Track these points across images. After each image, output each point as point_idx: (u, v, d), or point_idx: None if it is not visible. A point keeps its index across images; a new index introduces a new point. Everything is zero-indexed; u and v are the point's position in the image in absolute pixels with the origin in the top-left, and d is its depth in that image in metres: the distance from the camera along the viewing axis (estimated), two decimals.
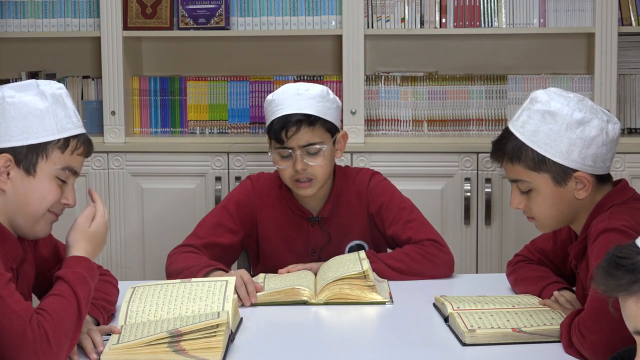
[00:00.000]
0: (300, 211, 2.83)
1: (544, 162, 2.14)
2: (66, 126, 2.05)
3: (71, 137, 2.06)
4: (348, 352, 2.08)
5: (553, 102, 2.14)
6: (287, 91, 2.76)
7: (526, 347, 2.05)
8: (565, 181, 2.15)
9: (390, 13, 4.01)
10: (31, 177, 2.02)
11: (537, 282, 2.39)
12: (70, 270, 2.00)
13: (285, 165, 2.74)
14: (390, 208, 2.80)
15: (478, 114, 4.07)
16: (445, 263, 2.69)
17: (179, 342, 1.97)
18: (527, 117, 2.17)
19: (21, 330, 1.85)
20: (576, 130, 2.12)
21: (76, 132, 2.07)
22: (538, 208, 2.19)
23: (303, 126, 2.71)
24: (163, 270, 3.98)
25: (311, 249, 2.83)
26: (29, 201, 2.03)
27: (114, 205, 3.98)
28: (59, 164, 2.05)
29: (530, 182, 2.17)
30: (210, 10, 4.06)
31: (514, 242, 3.81)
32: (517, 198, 2.22)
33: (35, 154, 2.02)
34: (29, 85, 2.06)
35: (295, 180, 2.74)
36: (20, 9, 4.13)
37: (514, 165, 2.18)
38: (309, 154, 2.73)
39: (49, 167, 2.04)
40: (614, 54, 3.87)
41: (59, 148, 2.04)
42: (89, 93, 4.24)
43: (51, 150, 2.03)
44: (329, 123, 2.76)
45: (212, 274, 2.52)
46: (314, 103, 2.73)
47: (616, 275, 1.44)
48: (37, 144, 2.02)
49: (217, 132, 4.20)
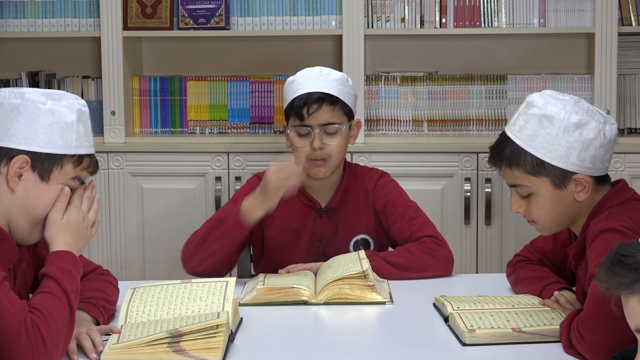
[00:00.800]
0: (309, 201, 2.84)
1: (542, 167, 2.14)
2: (84, 144, 2.09)
3: (85, 155, 2.10)
4: (348, 352, 2.08)
5: (549, 106, 2.14)
6: (310, 72, 2.82)
7: (526, 347, 2.05)
8: (565, 184, 2.15)
9: (390, 13, 4.01)
10: (44, 182, 2.05)
11: (537, 282, 2.39)
12: (55, 265, 2.01)
13: (302, 144, 2.78)
14: (395, 206, 2.82)
15: (478, 114, 4.07)
16: (446, 259, 2.71)
17: (178, 342, 1.97)
18: (524, 121, 2.17)
19: (16, 332, 1.85)
20: (574, 133, 2.12)
21: (90, 152, 2.12)
22: (538, 212, 2.19)
23: (325, 104, 2.75)
24: (163, 270, 4.00)
25: (317, 239, 2.84)
26: (36, 205, 2.05)
27: (114, 205, 3.98)
28: (70, 174, 2.08)
29: (530, 187, 2.17)
30: (210, 10, 4.06)
31: (514, 242, 3.81)
32: (517, 202, 2.22)
33: (52, 162, 2.05)
34: (61, 95, 2.09)
35: (312, 159, 2.76)
36: (20, 9, 4.13)
37: (513, 171, 2.18)
38: (327, 133, 2.76)
39: (62, 177, 2.07)
40: (614, 54, 3.87)
41: (73, 162, 2.08)
42: (89, 93, 4.24)
43: (66, 163, 2.07)
44: (347, 106, 2.81)
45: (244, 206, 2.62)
46: (335, 85, 2.78)
47: (619, 274, 1.45)
48: (55, 154, 2.05)
49: (217, 132, 4.20)
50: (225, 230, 2.66)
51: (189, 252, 2.72)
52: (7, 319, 1.85)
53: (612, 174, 2.24)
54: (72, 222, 2.09)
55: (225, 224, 2.67)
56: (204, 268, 2.68)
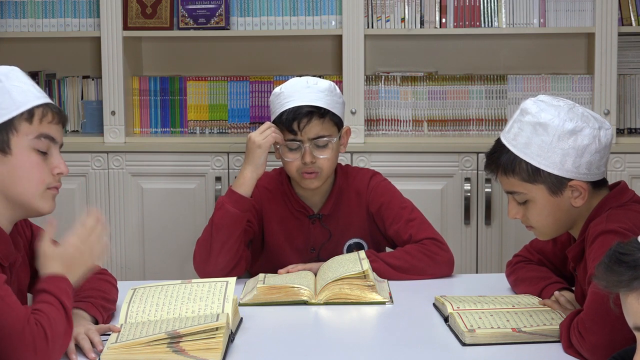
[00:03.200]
0: (302, 208, 2.83)
1: (538, 174, 2.14)
2: (26, 98, 2.03)
3: (34, 107, 2.04)
4: (348, 352, 2.08)
5: (543, 114, 2.14)
6: (297, 84, 2.78)
7: (526, 347, 2.05)
8: (561, 191, 2.15)
9: (390, 13, 4.01)
10: (9, 155, 2.01)
11: (537, 283, 2.39)
12: (53, 284, 1.97)
13: (292, 158, 2.75)
14: (390, 208, 2.81)
15: (478, 114, 4.07)
16: (446, 261, 2.70)
17: (178, 342, 1.97)
18: (519, 129, 2.17)
19: (20, 328, 1.85)
20: (568, 140, 2.12)
21: (38, 103, 2.05)
22: (535, 218, 2.20)
23: (314, 118, 2.72)
24: (163, 270, 4.00)
25: (311, 246, 2.84)
26: (15, 179, 2.02)
27: (114, 205, 3.98)
28: (31, 134, 2.03)
29: (526, 194, 2.17)
30: (210, 10, 4.06)
31: (514, 242, 3.81)
32: (515, 209, 2.22)
33: (4, 132, 2.01)
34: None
35: (302, 172, 2.75)
36: (20, 9, 4.13)
37: (509, 178, 2.18)
38: (317, 146, 2.74)
39: (22, 140, 2.02)
40: (614, 54, 3.87)
41: (25, 120, 2.02)
42: (89, 93, 4.25)
43: (18, 124, 2.01)
44: (337, 117, 2.78)
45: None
46: (323, 96, 2.75)
47: (618, 272, 1.45)
48: (3, 123, 2.00)
49: (217, 132, 4.20)
50: (225, 213, 2.66)
51: (202, 256, 2.70)
52: (11, 316, 1.85)
53: (612, 174, 2.25)
54: (66, 253, 2.03)
55: (222, 208, 2.67)
56: (221, 267, 2.65)
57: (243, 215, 2.69)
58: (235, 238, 2.67)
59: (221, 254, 2.66)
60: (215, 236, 2.66)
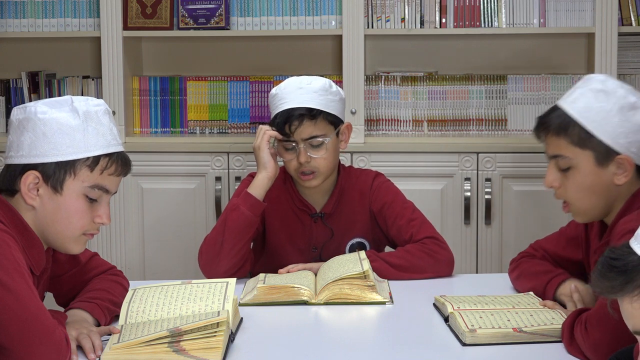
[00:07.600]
0: (304, 206, 2.84)
1: (589, 139, 2.12)
2: (97, 144, 2.01)
3: (102, 155, 2.02)
4: (348, 352, 2.08)
5: (610, 82, 2.14)
6: (290, 85, 2.79)
7: (527, 347, 2.05)
8: (607, 163, 2.12)
9: (390, 13, 4.01)
10: (58, 194, 2.00)
11: (542, 276, 2.36)
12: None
13: (289, 158, 2.77)
14: (392, 207, 2.82)
15: (478, 114, 4.07)
16: (447, 260, 2.71)
17: (179, 342, 1.97)
18: (580, 94, 2.16)
19: (51, 330, 1.87)
20: (627, 113, 2.11)
21: (108, 151, 2.03)
22: (574, 188, 2.15)
23: (305, 120, 2.73)
24: (163, 270, 4.00)
25: (313, 245, 2.84)
26: (56, 218, 2.01)
27: (114, 205, 3.97)
28: (88, 182, 2.01)
29: (572, 159, 2.14)
30: (210, 10, 4.06)
31: (514, 242, 3.81)
32: (553, 175, 2.18)
33: (63, 171, 1.99)
34: (63, 101, 2.02)
35: (300, 172, 2.76)
36: (20, 9, 4.13)
37: (559, 139, 2.15)
38: (312, 146, 2.75)
39: (77, 185, 2.00)
40: (614, 54, 3.87)
41: (87, 166, 2.00)
42: (89, 93, 4.24)
43: (79, 168, 2.00)
44: (332, 115, 2.78)
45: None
46: (316, 97, 2.75)
47: (610, 277, 1.44)
48: (66, 161, 1.98)
49: (217, 132, 4.20)
50: (240, 215, 2.68)
51: (210, 255, 2.69)
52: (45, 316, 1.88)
53: None
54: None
55: (237, 210, 2.69)
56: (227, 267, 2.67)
57: (256, 220, 2.72)
58: (245, 241, 2.70)
59: (230, 255, 2.67)
60: (227, 238, 2.67)
